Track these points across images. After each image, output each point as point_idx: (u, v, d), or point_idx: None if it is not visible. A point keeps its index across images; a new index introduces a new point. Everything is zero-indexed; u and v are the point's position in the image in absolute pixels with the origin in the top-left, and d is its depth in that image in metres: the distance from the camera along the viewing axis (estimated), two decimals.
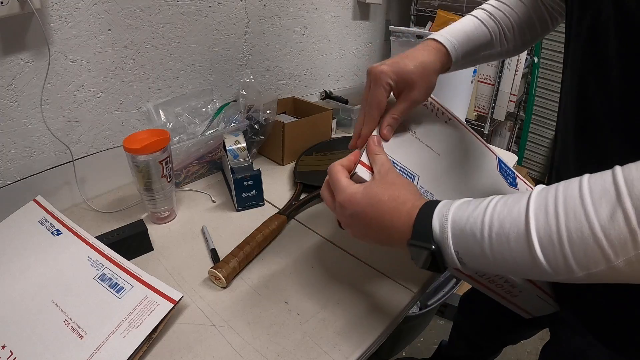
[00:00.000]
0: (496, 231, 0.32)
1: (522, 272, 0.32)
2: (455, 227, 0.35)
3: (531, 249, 0.30)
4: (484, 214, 0.33)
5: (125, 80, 0.76)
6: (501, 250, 0.32)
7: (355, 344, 0.49)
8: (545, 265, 0.29)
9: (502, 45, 0.56)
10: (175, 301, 0.50)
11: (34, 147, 0.69)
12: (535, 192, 0.32)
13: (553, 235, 0.29)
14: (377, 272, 0.61)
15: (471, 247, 0.34)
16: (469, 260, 0.35)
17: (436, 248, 0.35)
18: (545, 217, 0.29)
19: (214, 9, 0.85)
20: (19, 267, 0.54)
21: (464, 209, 0.35)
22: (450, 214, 0.35)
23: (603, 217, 0.27)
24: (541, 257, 0.29)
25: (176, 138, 0.81)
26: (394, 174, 0.42)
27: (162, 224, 0.71)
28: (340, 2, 1.18)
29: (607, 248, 0.27)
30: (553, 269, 0.29)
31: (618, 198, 0.27)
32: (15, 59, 0.62)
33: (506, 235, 0.31)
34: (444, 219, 0.35)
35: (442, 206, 0.37)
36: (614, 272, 0.27)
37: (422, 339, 1.46)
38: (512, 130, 2.17)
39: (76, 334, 0.46)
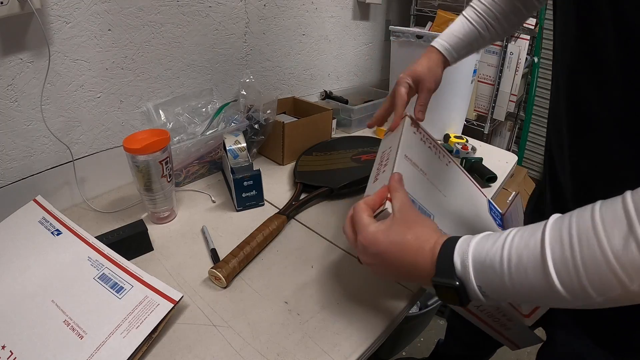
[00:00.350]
0: (515, 264, 0.33)
1: (542, 301, 0.34)
2: (476, 263, 0.36)
3: (549, 279, 0.30)
4: (502, 248, 0.34)
5: (125, 80, 0.76)
6: (521, 281, 0.33)
7: (355, 344, 0.49)
8: (564, 293, 0.30)
9: (490, 33, 0.65)
10: (175, 301, 0.50)
11: (34, 147, 0.69)
12: (550, 223, 0.33)
13: (569, 264, 0.30)
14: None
15: (492, 280, 0.35)
16: (492, 292, 0.36)
17: (460, 284, 0.36)
18: (560, 247, 0.30)
19: (214, 9, 0.85)
20: (19, 267, 0.54)
21: (482, 244, 0.36)
22: (470, 250, 0.36)
23: (616, 245, 0.28)
24: (559, 286, 0.30)
25: (176, 138, 0.81)
26: (414, 212, 0.43)
27: (162, 224, 0.71)
28: (340, 2, 1.18)
29: (621, 275, 0.28)
30: (572, 296, 0.30)
31: (630, 227, 0.28)
32: (15, 59, 0.62)
33: (524, 267, 0.32)
34: (465, 255, 0.36)
35: (462, 242, 0.38)
36: (631, 295, 0.28)
37: (422, 339, 1.46)
38: (512, 130, 2.17)
39: (76, 334, 0.46)
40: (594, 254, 0.29)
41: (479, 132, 1.70)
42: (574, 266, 0.29)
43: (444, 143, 0.97)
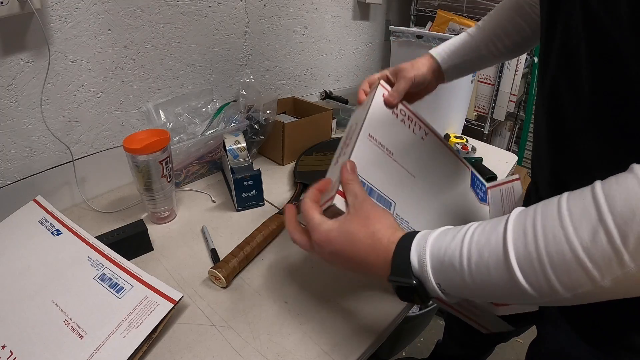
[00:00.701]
0: (475, 261, 0.31)
1: (507, 298, 0.32)
2: (435, 260, 0.34)
3: (512, 276, 0.29)
4: (461, 244, 0.32)
5: (125, 80, 0.76)
6: (482, 279, 0.31)
7: (355, 344, 0.49)
8: (530, 291, 0.29)
9: (491, 51, 0.61)
10: (175, 301, 0.50)
11: (34, 147, 0.69)
12: (512, 216, 0.31)
13: (533, 259, 0.28)
14: None
15: (452, 278, 0.33)
16: (452, 291, 0.34)
17: (417, 283, 0.35)
18: (524, 241, 0.29)
19: (214, 9, 0.85)
20: (19, 267, 0.54)
21: (441, 240, 0.35)
22: (428, 247, 0.35)
23: (584, 237, 0.26)
24: (524, 283, 0.28)
25: (176, 138, 0.80)
26: (369, 205, 0.41)
27: (162, 224, 0.71)
28: (340, 2, 1.18)
29: (591, 269, 0.26)
30: (537, 292, 0.28)
31: (599, 216, 0.26)
32: (15, 59, 0.62)
33: (486, 264, 0.31)
34: (423, 252, 0.35)
35: (420, 238, 0.36)
36: (602, 291, 0.26)
37: (422, 339, 1.46)
38: (512, 130, 2.17)
39: (76, 334, 0.46)
40: (561, 248, 0.27)
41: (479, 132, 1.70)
42: (539, 262, 0.28)
43: None
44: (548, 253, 0.27)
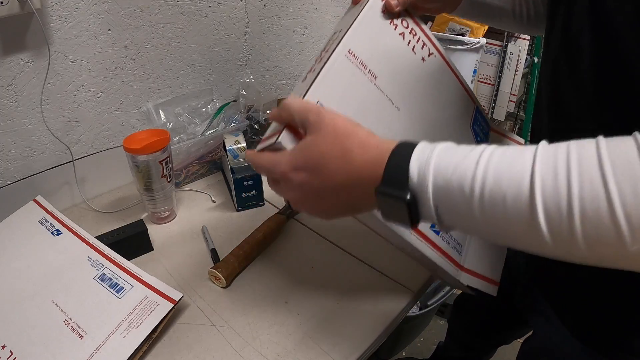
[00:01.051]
0: (490, 188, 0.26)
1: (514, 240, 0.27)
2: (439, 177, 0.28)
3: (533, 215, 0.24)
4: (476, 166, 0.27)
5: (125, 80, 0.76)
6: (494, 211, 0.26)
7: (355, 344, 0.49)
8: (547, 236, 0.24)
9: (515, 11, 0.57)
10: (175, 301, 0.50)
11: (34, 147, 0.69)
12: (541, 148, 0.26)
13: (562, 202, 0.23)
14: (377, 272, 0.61)
15: (456, 203, 0.28)
16: (450, 218, 0.29)
17: (411, 199, 0.29)
18: (554, 178, 0.24)
19: (214, 9, 0.85)
20: (19, 267, 0.54)
21: (450, 156, 0.29)
22: (433, 159, 0.29)
23: (626, 193, 0.22)
24: (543, 225, 0.24)
25: (176, 138, 0.80)
26: (329, 116, 0.33)
27: (162, 224, 0.71)
28: (340, 2, 1.18)
29: (624, 230, 0.22)
30: (554, 240, 0.24)
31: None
32: (15, 59, 0.62)
33: (503, 194, 0.25)
34: (425, 164, 0.28)
35: (423, 148, 0.30)
36: (624, 257, 0.23)
37: (422, 339, 1.46)
38: (512, 130, 2.17)
39: (76, 334, 0.46)
40: (597, 196, 0.23)
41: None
42: (568, 205, 0.23)
43: None
44: (581, 198, 0.23)
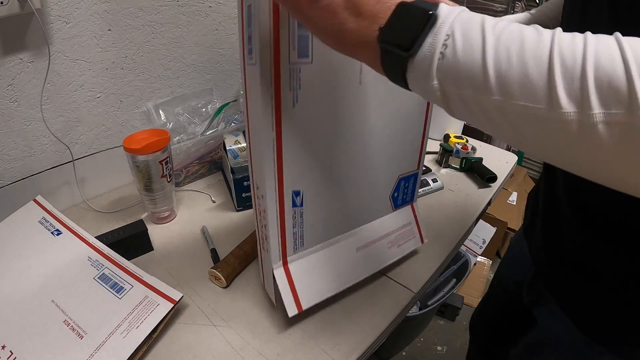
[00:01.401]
0: (508, 31, 0.24)
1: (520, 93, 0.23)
2: (456, 16, 0.25)
3: (551, 65, 0.22)
4: (493, 20, 0.25)
5: (125, 80, 0.76)
6: (508, 48, 0.23)
7: (355, 344, 0.49)
8: (558, 87, 0.22)
9: None
10: (175, 301, 0.50)
11: (34, 147, 0.69)
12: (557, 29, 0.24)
13: (577, 55, 0.22)
14: (377, 272, 0.61)
15: (470, 32, 0.24)
16: (456, 53, 0.25)
17: (434, 12, 0.25)
18: (571, 41, 0.22)
19: (214, 9, 0.85)
20: (19, 267, 0.54)
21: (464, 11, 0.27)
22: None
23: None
24: (559, 78, 0.22)
25: (176, 138, 0.81)
26: None
27: (162, 224, 0.72)
28: None
29: (637, 88, 0.20)
30: (567, 94, 0.22)
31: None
32: (15, 59, 0.62)
33: (521, 38, 0.23)
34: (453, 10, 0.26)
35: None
36: (632, 127, 0.21)
37: (422, 339, 1.46)
38: None
39: (76, 334, 0.46)
40: (612, 56, 0.21)
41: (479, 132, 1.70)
42: (583, 58, 0.21)
43: (443, 143, 0.97)
44: (596, 52, 0.21)
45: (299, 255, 0.49)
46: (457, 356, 1.41)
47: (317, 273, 0.50)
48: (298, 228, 0.47)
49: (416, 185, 0.62)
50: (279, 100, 0.39)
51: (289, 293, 0.47)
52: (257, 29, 0.36)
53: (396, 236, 0.59)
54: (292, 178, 0.44)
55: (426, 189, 0.83)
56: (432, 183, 0.85)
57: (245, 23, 0.38)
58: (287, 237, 0.47)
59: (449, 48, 0.25)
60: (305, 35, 0.38)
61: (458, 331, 1.50)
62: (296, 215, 0.46)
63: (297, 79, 0.40)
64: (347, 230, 0.54)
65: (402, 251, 0.59)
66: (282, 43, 0.37)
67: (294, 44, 0.38)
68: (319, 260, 0.51)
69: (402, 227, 0.60)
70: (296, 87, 0.40)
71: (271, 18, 0.36)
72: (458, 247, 0.71)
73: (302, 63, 0.39)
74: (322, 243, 0.51)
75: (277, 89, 0.39)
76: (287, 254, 0.48)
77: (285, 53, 0.38)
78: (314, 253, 0.51)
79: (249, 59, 0.39)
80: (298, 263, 0.49)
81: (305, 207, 0.47)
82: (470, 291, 1.61)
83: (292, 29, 0.37)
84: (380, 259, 0.57)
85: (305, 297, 0.48)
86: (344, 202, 0.51)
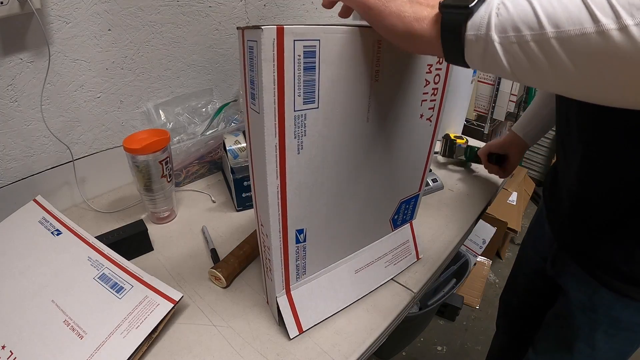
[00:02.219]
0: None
1: (567, 21, 0.27)
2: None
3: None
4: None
5: (125, 80, 0.76)
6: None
7: (355, 344, 0.49)
8: (592, 6, 0.25)
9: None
10: (175, 301, 0.50)
11: (34, 147, 0.69)
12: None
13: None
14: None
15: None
16: (508, 10, 0.29)
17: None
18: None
19: (214, 9, 0.85)
20: (19, 267, 0.54)
21: None
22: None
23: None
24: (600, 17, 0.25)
25: (176, 138, 0.81)
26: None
27: (162, 224, 0.71)
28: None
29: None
30: (600, 11, 0.25)
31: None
32: (15, 59, 0.62)
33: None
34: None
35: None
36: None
37: (422, 339, 1.46)
38: None
39: (76, 334, 0.46)
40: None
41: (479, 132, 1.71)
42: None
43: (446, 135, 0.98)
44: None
45: (301, 283, 0.51)
46: (457, 356, 1.41)
47: (318, 296, 0.52)
48: (301, 261, 0.49)
49: (417, 205, 0.62)
50: (284, 149, 0.38)
51: (291, 316, 0.49)
52: (261, 76, 0.34)
53: (393, 255, 0.60)
54: (296, 219, 0.44)
55: (426, 188, 0.83)
56: (432, 183, 0.85)
57: (248, 65, 0.36)
58: (291, 269, 0.48)
59: (502, 8, 0.29)
60: (311, 79, 0.37)
61: (458, 331, 1.50)
62: (299, 250, 0.47)
63: (302, 126, 0.38)
64: (347, 254, 0.55)
65: (398, 269, 0.60)
66: (287, 91, 0.35)
67: (300, 90, 0.36)
68: (320, 285, 0.52)
69: (399, 245, 0.61)
70: (301, 135, 0.39)
71: (275, 62, 0.34)
72: (458, 247, 0.71)
73: (307, 109, 0.38)
74: (323, 269, 0.53)
75: (282, 138, 0.37)
76: (290, 283, 0.49)
77: (291, 101, 0.36)
78: (316, 279, 0.52)
79: (252, 103, 0.37)
80: (300, 290, 0.51)
81: (308, 242, 0.48)
82: (470, 291, 1.61)
83: (297, 74, 0.35)
84: (377, 278, 0.58)
85: (306, 319, 0.50)
86: (345, 231, 0.52)
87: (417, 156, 0.55)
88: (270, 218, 0.42)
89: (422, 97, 0.49)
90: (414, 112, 0.49)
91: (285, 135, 0.37)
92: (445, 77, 0.50)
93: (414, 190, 0.59)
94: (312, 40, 0.35)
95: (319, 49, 0.36)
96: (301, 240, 0.46)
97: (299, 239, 0.46)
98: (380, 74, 0.43)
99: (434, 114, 0.52)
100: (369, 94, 0.43)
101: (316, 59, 0.36)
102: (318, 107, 0.38)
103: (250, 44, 0.34)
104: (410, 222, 0.64)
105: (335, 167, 0.45)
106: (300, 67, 0.35)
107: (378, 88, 0.43)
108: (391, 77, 0.44)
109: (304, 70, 0.36)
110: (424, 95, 0.49)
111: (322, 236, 0.49)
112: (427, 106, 0.51)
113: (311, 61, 0.36)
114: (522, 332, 0.91)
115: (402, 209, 0.59)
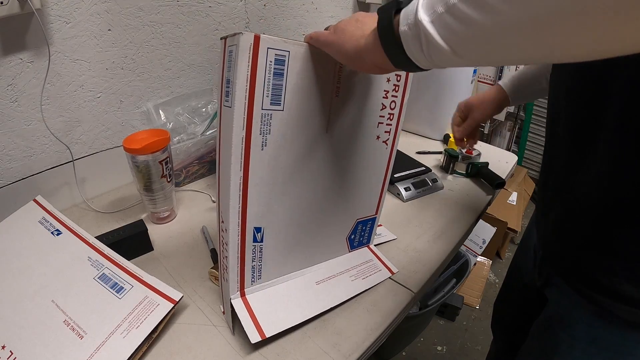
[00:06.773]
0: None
1: None
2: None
3: None
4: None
5: (125, 80, 0.76)
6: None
7: (355, 344, 0.49)
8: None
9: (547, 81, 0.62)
10: (175, 301, 0.50)
11: (34, 147, 0.69)
12: None
13: None
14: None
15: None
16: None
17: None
18: None
19: (214, 9, 0.85)
20: (19, 267, 0.54)
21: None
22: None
23: None
24: None
25: (176, 138, 0.81)
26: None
27: (162, 224, 0.71)
28: (340, 2, 1.18)
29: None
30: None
31: None
32: (15, 59, 0.62)
33: None
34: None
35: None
36: None
37: (422, 339, 1.46)
38: (512, 130, 2.17)
39: (76, 334, 0.46)
40: None
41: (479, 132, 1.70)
42: None
43: (447, 148, 0.95)
44: None
45: (257, 288, 0.52)
46: (457, 356, 1.41)
47: (278, 303, 0.52)
48: (257, 262, 0.50)
49: (373, 229, 0.64)
50: (249, 143, 0.43)
51: (249, 321, 0.49)
52: (236, 74, 0.39)
53: (358, 271, 0.60)
54: (255, 215, 0.47)
55: (426, 188, 0.83)
56: (432, 183, 0.85)
57: (226, 66, 0.42)
58: (246, 269, 0.50)
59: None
60: (279, 84, 0.42)
61: (458, 331, 1.50)
62: (256, 250, 0.49)
63: (267, 124, 0.43)
64: (303, 267, 0.57)
65: (369, 282, 0.59)
66: (257, 90, 0.41)
67: (269, 91, 0.42)
68: (278, 293, 0.53)
69: (361, 264, 0.62)
70: (266, 132, 0.44)
71: (250, 65, 0.39)
72: (458, 247, 0.71)
73: (273, 110, 0.43)
74: (279, 277, 0.54)
75: (249, 132, 0.42)
76: (244, 286, 0.50)
77: (260, 99, 0.41)
78: (272, 286, 0.53)
79: (225, 100, 0.43)
80: (256, 295, 0.52)
81: (265, 243, 0.50)
82: (470, 291, 1.61)
83: (267, 78, 0.41)
84: (347, 289, 0.57)
85: (268, 325, 0.49)
86: (302, 241, 0.54)
87: (374, 178, 0.59)
88: (230, 210, 0.45)
89: (379, 120, 0.54)
90: (370, 132, 0.54)
91: (252, 129, 0.42)
92: (400, 106, 0.54)
93: (371, 212, 0.62)
94: (283, 51, 0.41)
95: (288, 59, 0.42)
96: (258, 239, 0.49)
97: (257, 238, 0.48)
98: (341, 91, 0.48)
99: (389, 137, 0.56)
100: (330, 106, 0.48)
101: (285, 67, 0.42)
102: (283, 109, 0.44)
103: (230, 49, 0.40)
104: (367, 246, 0.65)
105: (295, 170, 0.48)
106: (271, 71, 0.41)
107: (338, 103, 0.48)
108: (350, 95, 0.49)
109: (274, 75, 0.41)
110: (381, 118, 0.54)
111: (280, 240, 0.51)
112: (384, 129, 0.55)
113: (280, 68, 0.42)
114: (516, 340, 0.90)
115: (359, 229, 0.62)
